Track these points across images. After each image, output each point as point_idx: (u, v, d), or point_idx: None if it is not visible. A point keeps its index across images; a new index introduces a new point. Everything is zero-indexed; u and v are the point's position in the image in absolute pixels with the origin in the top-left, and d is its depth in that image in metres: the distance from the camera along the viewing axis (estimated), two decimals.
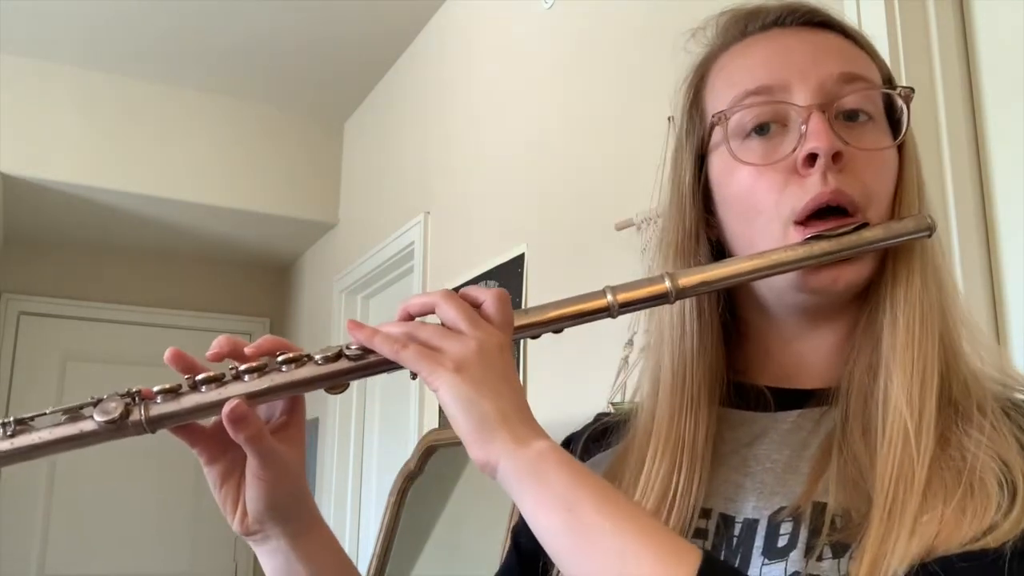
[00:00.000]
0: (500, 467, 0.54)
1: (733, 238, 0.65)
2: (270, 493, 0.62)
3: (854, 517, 0.55)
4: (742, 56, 0.66)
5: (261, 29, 2.95)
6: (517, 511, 0.56)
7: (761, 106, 0.62)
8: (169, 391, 0.58)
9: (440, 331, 0.58)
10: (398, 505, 2.26)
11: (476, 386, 0.55)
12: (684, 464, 0.62)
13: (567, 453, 0.55)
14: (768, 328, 0.67)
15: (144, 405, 0.58)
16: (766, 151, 0.62)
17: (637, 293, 0.61)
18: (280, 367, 0.59)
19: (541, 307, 0.62)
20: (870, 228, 0.60)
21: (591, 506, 0.51)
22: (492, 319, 0.59)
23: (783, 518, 0.58)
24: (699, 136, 0.67)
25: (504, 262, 2.19)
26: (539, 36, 2.21)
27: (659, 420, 0.65)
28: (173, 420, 0.59)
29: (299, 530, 0.65)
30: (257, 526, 0.64)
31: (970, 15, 1.25)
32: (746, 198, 0.63)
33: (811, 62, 0.62)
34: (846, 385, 0.61)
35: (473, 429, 0.54)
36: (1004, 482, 0.52)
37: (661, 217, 0.71)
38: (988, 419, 0.56)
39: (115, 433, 0.57)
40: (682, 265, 0.66)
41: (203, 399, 0.58)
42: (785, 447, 0.62)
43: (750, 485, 0.61)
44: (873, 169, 0.61)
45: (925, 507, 0.52)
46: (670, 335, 0.67)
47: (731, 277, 0.61)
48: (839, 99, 0.61)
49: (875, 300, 0.62)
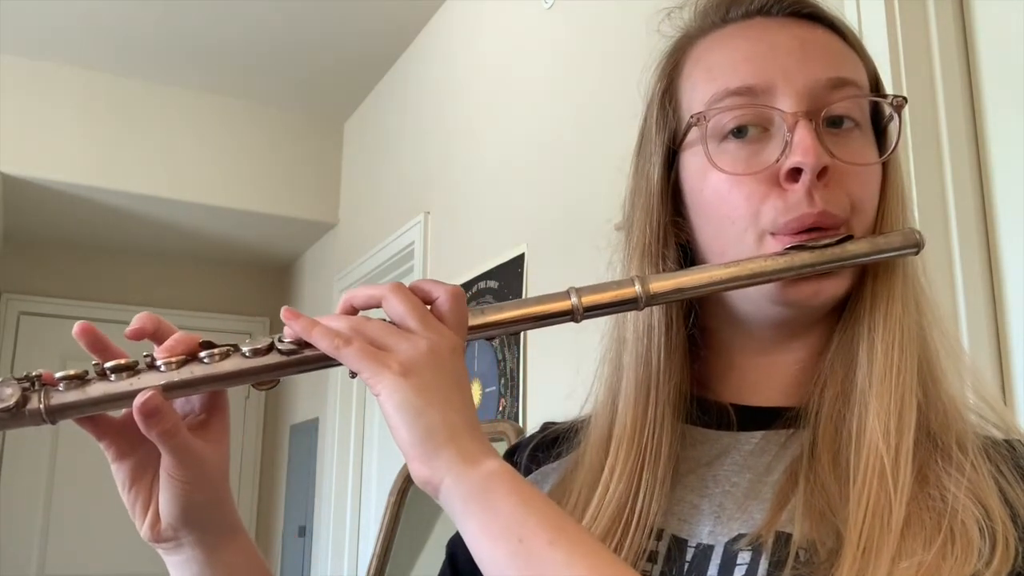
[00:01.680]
0: (443, 487, 0.49)
1: (704, 243, 0.61)
2: (186, 496, 0.55)
3: (820, 551, 0.51)
4: (723, 47, 0.60)
5: (261, 29, 2.95)
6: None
7: (743, 108, 0.57)
8: (74, 378, 0.52)
9: (388, 328, 0.52)
10: (398, 505, 2.26)
11: (424, 393, 0.50)
12: (643, 486, 0.58)
13: (518, 475, 0.51)
14: (735, 340, 0.63)
15: (44, 392, 0.52)
16: (746, 157, 0.57)
17: (604, 296, 0.57)
18: (202, 359, 0.54)
19: (499, 306, 0.57)
20: (855, 242, 0.56)
21: (543, 537, 0.47)
22: (445, 318, 0.54)
23: (741, 547, 0.54)
24: (671, 130, 0.63)
25: (504, 262, 2.19)
26: (539, 36, 2.21)
27: (618, 436, 0.60)
28: (77, 411, 0.53)
29: (218, 540, 0.59)
30: (170, 532, 0.57)
31: (970, 15, 1.25)
32: (721, 205, 0.58)
33: (798, 63, 0.57)
34: (815, 408, 0.57)
35: (417, 442, 0.49)
36: (984, 528, 0.49)
37: (624, 214, 0.67)
38: (969, 458, 0.52)
39: (9, 422, 0.51)
40: (649, 269, 0.62)
41: (112, 389, 0.52)
42: (747, 470, 0.58)
43: (707, 508, 0.57)
44: (859, 182, 0.57)
45: (904, 549, 0.49)
46: (634, 347, 0.62)
47: (706, 285, 0.57)
48: (827, 106, 0.57)
49: (852, 319, 0.59)
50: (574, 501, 0.60)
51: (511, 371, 2.07)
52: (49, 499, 3.71)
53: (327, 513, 3.26)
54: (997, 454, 0.54)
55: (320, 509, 3.35)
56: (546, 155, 2.10)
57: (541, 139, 2.14)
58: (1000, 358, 1.13)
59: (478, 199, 2.44)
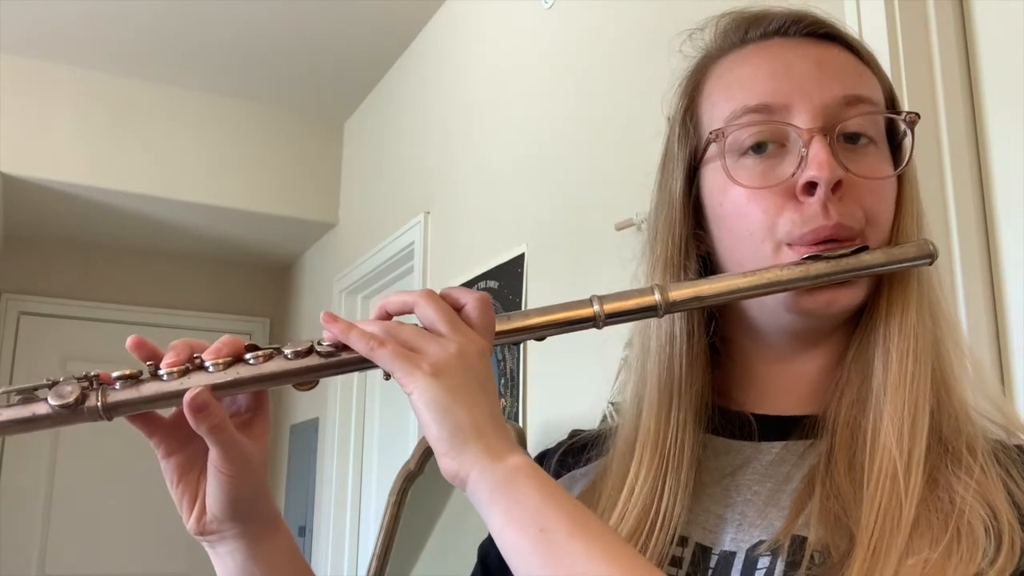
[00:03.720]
0: (471, 480, 0.52)
1: (723, 254, 0.64)
2: (232, 489, 0.59)
3: (834, 554, 0.53)
4: (741, 67, 0.63)
5: (261, 29, 2.95)
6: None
7: (760, 125, 0.60)
8: (129, 377, 0.56)
9: (420, 332, 0.56)
10: (398, 505, 2.26)
11: (452, 392, 0.53)
12: (667, 490, 0.61)
13: (541, 470, 0.53)
14: (754, 349, 0.65)
15: (102, 390, 0.55)
16: (763, 171, 0.60)
17: (625, 304, 0.60)
18: (247, 360, 0.57)
19: (524, 313, 0.60)
20: (870, 252, 0.58)
21: (563, 528, 0.49)
22: (473, 323, 0.57)
23: (761, 552, 0.56)
24: (692, 147, 0.65)
25: (504, 262, 2.19)
26: (539, 36, 2.21)
27: (641, 441, 0.63)
28: (131, 408, 0.56)
29: (259, 532, 0.63)
30: (215, 525, 0.61)
31: (970, 15, 1.25)
32: (739, 218, 0.61)
33: (814, 81, 0.60)
34: (832, 416, 0.60)
35: (446, 438, 0.53)
36: (990, 529, 0.51)
37: (647, 226, 0.70)
38: (978, 461, 0.55)
39: (69, 418, 0.55)
40: (671, 279, 0.64)
41: (164, 387, 0.56)
42: (768, 479, 0.60)
43: (730, 516, 0.60)
44: (874, 195, 0.59)
45: (911, 548, 0.51)
46: (657, 355, 0.65)
47: (724, 294, 0.60)
48: (842, 122, 0.59)
49: (867, 328, 0.61)
50: (603, 505, 0.63)
51: (511, 371, 2.07)
52: (49, 499, 3.70)
53: (327, 513, 3.26)
54: (1007, 458, 0.56)
55: (320, 509, 3.35)
56: (546, 155, 2.10)
57: (541, 139, 2.14)
58: (1000, 358, 1.13)
59: (478, 199, 2.44)
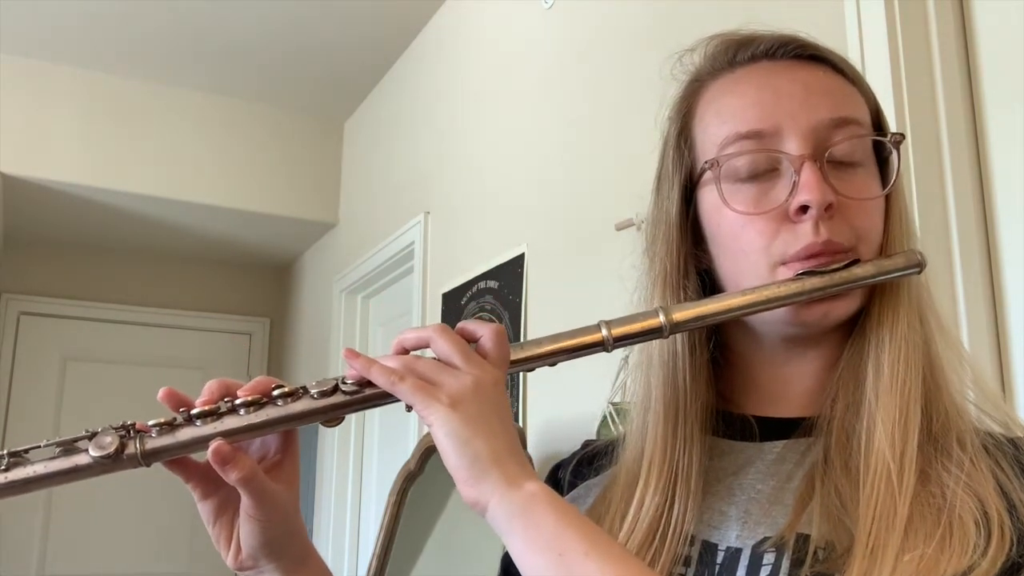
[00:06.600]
0: (491, 507, 0.55)
1: (722, 271, 0.67)
2: (263, 532, 0.63)
3: (837, 549, 0.55)
4: (731, 92, 0.66)
5: (261, 29, 2.95)
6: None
7: (753, 153, 0.63)
8: (165, 425, 0.59)
9: (437, 365, 0.59)
10: (398, 505, 2.26)
11: (470, 423, 0.55)
12: (677, 497, 0.63)
13: (557, 496, 0.56)
14: (754, 354, 0.68)
15: (139, 439, 0.58)
16: (757, 197, 0.63)
17: (631, 328, 0.62)
18: (276, 401, 0.60)
19: (536, 341, 0.63)
20: (861, 265, 0.61)
21: (579, 550, 0.52)
22: (489, 355, 0.60)
23: (766, 548, 0.58)
24: (687, 168, 0.68)
25: (504, 262, 2.19)
26: (539, 36, 2.21)
27: (649, 452, 0.66)
28: (168, 454, 0.59)
29: (293, 566, 0.66)
30: (251, 562, 0.64)
31: (970, 15, 1.25)
32: (735, 241, 0.64)
33: (802, 105, 0.63)
34: (827, 417, 0.62)
35: (465, 467, 0.55)
36: (980, 521, 0.53)
37: (645, 235, 0.72)
38: (968, 454, 0.57)
39: (110, 467, 0.58)
40: (672, 298, 0.67)
41: (198, 433, 0.59)
42: (770, 478, 0.63)
43: (735, 514, 0.62)
44: (863, 214, 0.62)
45: (907, 545, 0.53)
46: (660, 370, 0.68)
47: (724, 312, 0.63)
48: (830, 146, 0.62)
49: (860, 335, 0.64)
50: (612, 512, 0.66)
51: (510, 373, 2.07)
52: (49, 499, 3.70)
53: (327, 513, 3.26)
54: (998, 450, 0.58)
55: (320, 509, 3.35)
56: (546, 155, 2.10)
57: (541, 139, 2.14)
58: (1000, 358, 1.13)
59: (478, 199, 2.44)
